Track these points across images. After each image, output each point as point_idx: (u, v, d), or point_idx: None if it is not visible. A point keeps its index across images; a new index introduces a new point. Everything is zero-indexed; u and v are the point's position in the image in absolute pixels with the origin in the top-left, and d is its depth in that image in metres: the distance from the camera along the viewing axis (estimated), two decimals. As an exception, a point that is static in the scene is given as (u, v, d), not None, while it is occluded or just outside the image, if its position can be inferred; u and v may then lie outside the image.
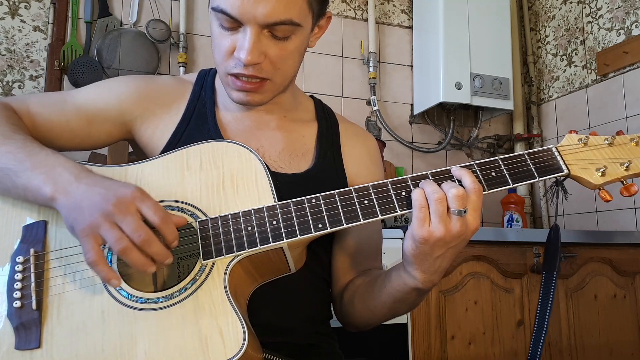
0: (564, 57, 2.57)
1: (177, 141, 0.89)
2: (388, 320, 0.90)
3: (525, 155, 0.77)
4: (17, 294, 0.70)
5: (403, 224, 1.84)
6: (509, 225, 2.36)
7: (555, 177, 0.77)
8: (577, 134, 0.79)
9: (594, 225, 2.33)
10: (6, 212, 0.75)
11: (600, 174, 0.75)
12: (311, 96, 1.06)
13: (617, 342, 1.93)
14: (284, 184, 0.84)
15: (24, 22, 2.03)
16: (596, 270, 1.95)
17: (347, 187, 0.95)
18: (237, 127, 0.93)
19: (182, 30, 2.21)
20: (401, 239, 1.71)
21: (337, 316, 0.98)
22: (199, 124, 0.92)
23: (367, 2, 2.54)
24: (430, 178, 0.75)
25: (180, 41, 2.19)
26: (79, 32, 2.09)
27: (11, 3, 2.02)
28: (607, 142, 0.78)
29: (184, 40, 2.20)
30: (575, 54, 2.51)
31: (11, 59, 2.00)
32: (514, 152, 2.75)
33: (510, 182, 0.75)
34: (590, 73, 2.42)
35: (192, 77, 0.99)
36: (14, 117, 0.82)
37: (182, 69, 2.18)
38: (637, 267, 2.00)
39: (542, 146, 2.65)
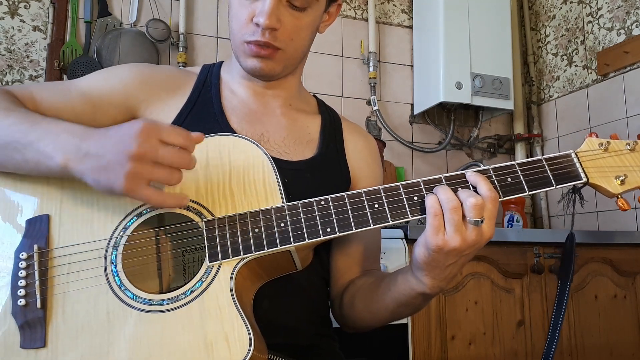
0: (565, 57, 2.57)
1: (181, 123, 0.88)
2: (389, 323, 0.89)
3: (543, 161, 0.74)
4: (22, 292, 0.69)
5: (403, 224, 1.83)
6: (509, 225, 2.35)
7: (573, 185, 0.74)
8: (597, 137, 0.75)
9: (595, 225, 2.33)
10: (9, 205, 0.73)
11: (619, 182, 0.72)
12: (313, 95, 1.08)
13: (618, 343, 1.93)
14: (289, 171, 0.83)
15: (24, 21, 2.02)
16: (597, 271, 1.95)
17: (349, 179, 0.94)
18: (243, 110, 0.93)
19: (181, 30, 2.20)
20: (402, 239, 1.71)
21: (335, 317, 0.97)
22: (203, 107, 0.92)
23: (367, 1, 2.53)
24: (444, 183, 0.72)
25: (179, 41, 2.19)
26: (78, 31, 2.08)
27: (11, 3, 2.01)
28: (628, 147, 0.74)
29: (184, 40, 2.19)
30: (576, 54, 2.51)
31: (11, 58, 1.99)
32: (514, 152, 2.71)
33: (526, 189, 0.72)
34: (591, 73, 2.42)
35: (196, 69, 1.00)
36: (14, 98, 0.80)
37: (181, 68, 2.18)
38: (638, 267, 2.00)
39: (542, 146, 2.65)
